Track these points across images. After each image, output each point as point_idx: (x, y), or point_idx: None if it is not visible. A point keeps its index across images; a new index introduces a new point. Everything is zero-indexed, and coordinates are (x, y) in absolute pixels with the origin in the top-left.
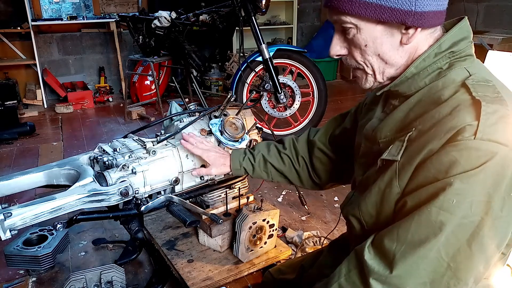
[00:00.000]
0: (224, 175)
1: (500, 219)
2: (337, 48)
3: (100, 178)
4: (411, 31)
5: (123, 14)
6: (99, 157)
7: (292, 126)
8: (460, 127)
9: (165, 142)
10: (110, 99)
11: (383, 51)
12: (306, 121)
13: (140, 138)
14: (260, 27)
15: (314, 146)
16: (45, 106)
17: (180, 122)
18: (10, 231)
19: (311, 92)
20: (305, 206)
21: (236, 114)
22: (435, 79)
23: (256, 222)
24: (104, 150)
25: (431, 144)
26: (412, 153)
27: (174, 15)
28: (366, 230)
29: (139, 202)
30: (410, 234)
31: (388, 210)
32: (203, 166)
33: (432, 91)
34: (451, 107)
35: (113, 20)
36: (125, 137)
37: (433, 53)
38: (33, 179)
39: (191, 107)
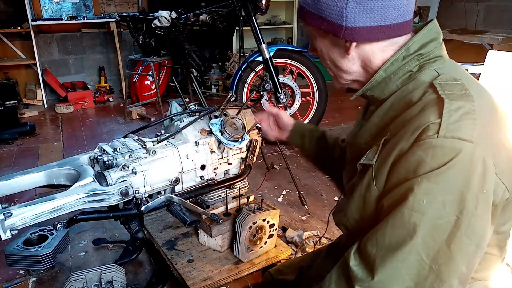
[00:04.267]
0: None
1: (476, 217)
2: (312, 49)
3: (100, 178)
4: (348, 43)
5: (123, 14)
6: (99, 157)
7: None
8: (424, 126)
9: (165, 142)
10: (110, 99)
11: (334, 58)
12: (306, 121)
13: (140, 138)
14: (260, 27)
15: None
16: (45, 106)
17: (180, 122)
18: (10, 231)
19: (311, 92)
20: (305, 206)
21: (236, 114)
22: (406, 82)
23: (256, 222)
24: (104, 150)
25: (400, 144)
26: (385, 155)
27: (174, 15)
28: (353, 236)
29: (139, 202)
30: (387, 238)
31: (371, 214)
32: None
33: (403, 94)
34: (419, 108)
35: (113, 20)
36: (125, 137)
37: (401, 56)
38: (33, 179)
39: (191, 107)
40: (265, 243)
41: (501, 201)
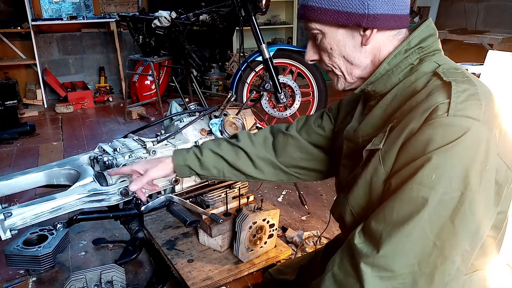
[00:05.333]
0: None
1: (479, 193)
2: (311, 53)
3: (100, 178)
4: (368, 32)
5: (123, 14)
6: (99, 157)
7: None
8: (433, 107)
9: (165, 142)
10: (110, 99)
11: (347, 53)
12: None
13: (140, 138)
14: (260, 27)
15: (288, 137)
16: (45, 106)
17: (180, 122)
18: (10, 231)
19: (311, 92)
20: (305, 206)
21: (236, 114)
22: (408, 75)
23: (256, 222)
24: (104, 150)
25: (409, 126)
26: (393, 138)
27: (174, 15)
28: (358, 222)
29: (139, 202)
30: (395, 213)
31: (378, 198)
32: None
33: (406, 85)
34: (426, 93)
35: (113, 20)
36: (125, 137)
37: (403, 49)
38: (33, 179)
39: (191, 107)
40: (265, 243)
41: (504, 180)
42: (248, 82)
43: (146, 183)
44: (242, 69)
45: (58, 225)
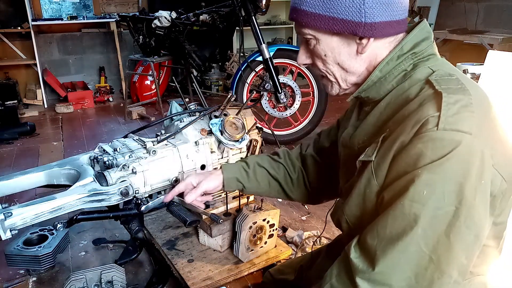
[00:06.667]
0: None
1: (474, 207)
2: (303, 57)
3: (101, 178)
4: (364, 41)
5: (123, 14)
6: (99, 157)
7: (292, 126)
8: (423, 120)
9: (165, 142)
10: (110, 99)
11: (342, 60)
12: (306, 121)
13: (141, 138)
14: (260, 27)
15: (306, 158)
16: (46, 106)
17: (180, 122)
18: (11, 230)
19: (311, 92)
20: (305, 206)
21: (236, 114)
22: (401, 81)
23: (256, 222)
24: (104, 150)
25: (400, 139)
26: (385, 150)
27: (174, 15)
28: (354, 231)
29: (139, 202)
30: (388, 230)
31: (372, 209)
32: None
33: (399, 92)
34: (418, 103)
35: (113, 20)
36: (125, 137)
37: (396, 55)
38: (33, 179)
39: (191, 107)
40: (265, 243)
41: (499, 192)
42: (248, 82)
43: (200, 194)
44: (242, 69)
45: (58, 225)
